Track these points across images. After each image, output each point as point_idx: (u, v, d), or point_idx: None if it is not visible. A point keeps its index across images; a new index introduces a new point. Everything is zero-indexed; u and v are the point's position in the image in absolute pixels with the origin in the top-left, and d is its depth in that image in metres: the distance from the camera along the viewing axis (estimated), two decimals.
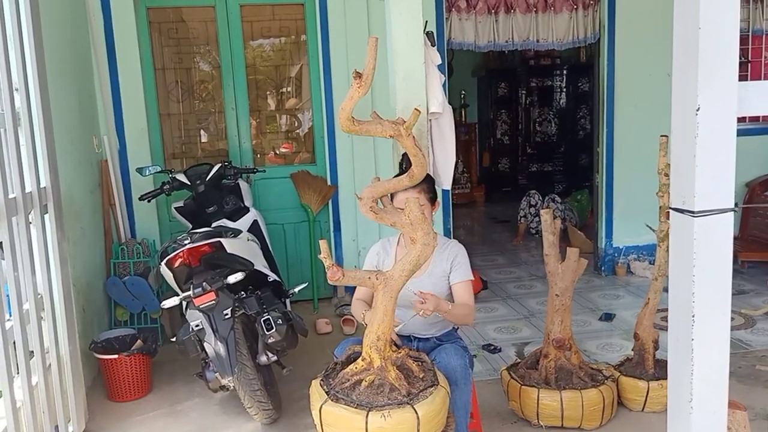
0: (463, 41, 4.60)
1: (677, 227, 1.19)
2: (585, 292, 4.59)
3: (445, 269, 2.36)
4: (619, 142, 4.85)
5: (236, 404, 3.05)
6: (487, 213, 8.17)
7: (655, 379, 2.80)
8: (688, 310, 1.18)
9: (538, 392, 2.68)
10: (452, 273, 2.36)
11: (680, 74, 1.15)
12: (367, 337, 1.99)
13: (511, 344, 3.73)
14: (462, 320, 2.34)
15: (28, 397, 2.37)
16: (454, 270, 2.36)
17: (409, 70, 2.88)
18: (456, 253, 2.38)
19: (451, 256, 2.37)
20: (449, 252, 2.38)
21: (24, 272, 2.40)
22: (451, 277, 2.37)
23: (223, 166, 3.70)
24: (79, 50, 3.83)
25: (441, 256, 2.37)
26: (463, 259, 2.38)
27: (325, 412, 1.91)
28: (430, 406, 1.90)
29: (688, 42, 1.11)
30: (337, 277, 1.95)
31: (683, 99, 1.14)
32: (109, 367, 3.20)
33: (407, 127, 1.93)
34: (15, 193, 2.34)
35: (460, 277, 2.36)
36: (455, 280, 2.36)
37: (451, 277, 2.37)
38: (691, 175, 1.13)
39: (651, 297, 2.88)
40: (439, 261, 2.37)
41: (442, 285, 2.37)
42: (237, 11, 4.36)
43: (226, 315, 2.72)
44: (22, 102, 2.47)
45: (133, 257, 3.92)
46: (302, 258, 4.59)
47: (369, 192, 2.06)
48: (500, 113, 8.60)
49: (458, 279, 2.36)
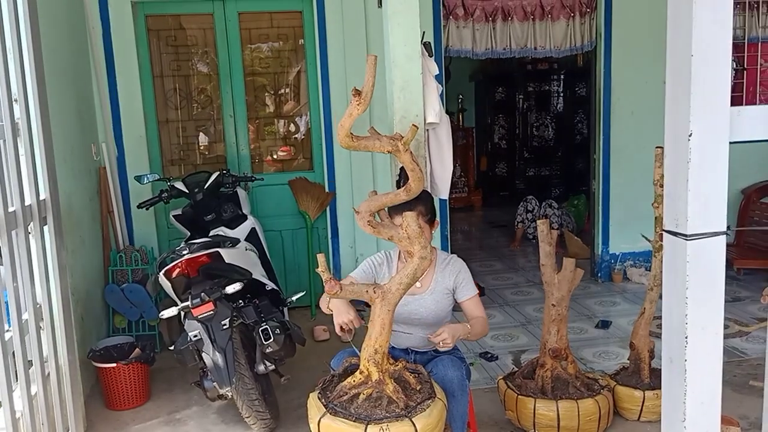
0: (460, 49, 4.62)
1: (670, 249, 1.21)
2: (581, 299, 4.61)
3: (449, 286, 2.37)
4: (615, 149, 4.87)
5: (234, 413, 3.06)
6: (484, 217, 8.19)
7: (651, 389, 2.82)
8: (681, 332, 1.19)
9: (534, 402, 2.70)
10: (458, 291, 2.38)
11: (673, 100, 1.16)
12: (365, 351, 2.01)
13: (508, 352, 3.75)
14: (482, 334, 2.39)
15: (27, 407, 2.39)
16: (460, 287, 2.38)
17: (407, 80, 2.90)
18: (458, 269, 2.39)
19: (453, 273, 2.38)
20: (451, 268, 2.39)
21: (23, 283, 2.41)
22: (459, 295, 2.39)
23: (221, 174, 3.72)
24: (78, 58, 3.84)
25: (443, 273, 2.38)
26: (467, 275, 2.40)
27: (324, 425, 1.92)
28: (427, 419, 1.92)
29: (681, 68, 1.12)
30: (334, 291, 1.96)
31: (676, 124, 1.16)
32: (107, 375, 3.21)
33: (405, 142, 1.95)
34: (14, 207, 2.35)
35: (468, 294, 2.38)
36: (464, 297, 2.38)
37: (459, 295, 2.38)
38: (683, 199, 1.14)
39: (647, 306, 2.90)
40: (442, 278, 2.37)
41: (445, 301, 2.38)
42: (235, 19, 4.37)
43: (224, 325, 2.73)
44: (21, 113, 2.48)
45: (131, 265, 3.93)
46: (300, 264, 4.60)
47: (366, 206, 2.08)
48: (498, 118, 8.62)
49: (467, 296, 2.38)
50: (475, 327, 2.32)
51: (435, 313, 2.36)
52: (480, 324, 2.35)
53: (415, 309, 2.34)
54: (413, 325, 2.36)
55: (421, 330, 2.37)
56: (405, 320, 2.33)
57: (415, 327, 2.37)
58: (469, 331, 2.28)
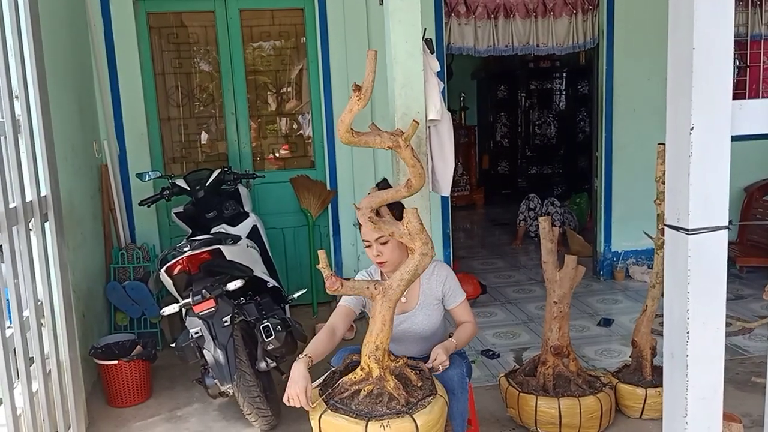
0: (462, 46, 4.61)
1: (672, 244, 1.20)
2: (583, 297, 4.60)
3: (437, 296, 2.34)
4: (617, 147, 4.86)
5: (236, 410, 3.06)
6: (486, 215, 8.18)
7: (653, 386, 2.81)
8: (682, 327, 1.19)
9: (536, 399, 2.69)
10: (447, 299, 2.35)
11: (674, 94, 1.15)
12: (366, 347, 2.00)
13: (509, 350, 3.74)
14: (470, 339, 2.37)
15: (28, 404, 2.39)
16: (448, 295, 2.35)
17: (408, 77, 2.89)
18: (445, 276, 2.34)
19: (440, 282, 2.33)
20: (437, 277, 2.34)
21: (24, 280, 2.41)
22: (448, 303, 2.36)
23: (222, 171, 3.71)
24: (79, 55, 3.84)
25: (429, 283, 2.33)
26: (454, 281, 2.36)
27: (325, 421, 1.92)
28: (428, 416, 1.91)
29: (683, 62, 1.12)
30: (335, 288, 1.96)
31: (677, 118, 1.15)
32: (108, 372, 3.21)
33: (406, 138, 1.94)
34: (15, 203, 2.35)
35: (457, 301, 2.36)
36: (453, 304, 2.36)
37: (447, 302, 2.36)
38: (685, 193, 1.14)
39: (649, 304, 2.89)
40: (429, 289, 2.33)
41: (436, 313, 2.35)
42: (237, 16, 4.37)
43: (225, 322, 2.73)
44: (22, 110, 2.47)
45: (132, 262, 3.94)
46: (302, 262, 4.60)
47: (367, 202, 2.07)
48: (500, 116, 8.61)
49: (455, 303, 2.36)
50: (462, 336, 2.31)
51: (429, 327, 2.34)
52: (468, 331, 2.34)
53: (409, 327, 2.32)
54: (408, 342, 2.35)
55: (417, 343, 2.36)
56: (399, 338, 2.30)
57: (409, 343, 2.36)
58: (456, 344, 2.26)
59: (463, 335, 2.33)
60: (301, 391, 1.92)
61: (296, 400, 1.93)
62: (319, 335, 2.19)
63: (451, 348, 2.25)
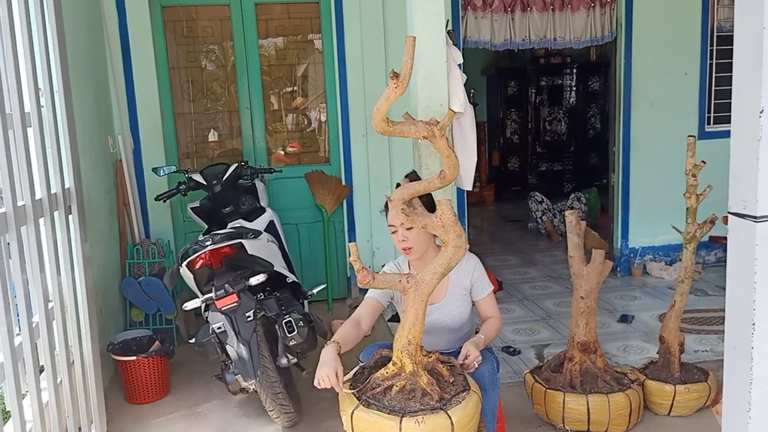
0: (479, 40, 4.57)
1: (737, 232, 1.16)
2: (602, 293, 4.51)
3: (466, 286, 2.31)
4: (635, 142, 4.80)
5: (256, 406, 3.02)
6: (497, 212, 8.13)
7: (682, 383, 2.77)
8: (748, 318, 1.14)
9: (563, 396, 2.65)
10: (474, 289, 2.32)
11: (742, 75, 1.11)
12: (398, 341, 1.96)
13: (530, 346, 3.70)
14: (497, 334, 2.34)
15: (53, 397, 2.36)
16: (476, 286, 2.32)
17: (431, 69, 2.85)
18: (473, 266, 2.31)
19: (468, 272, 2.30)
20: (466, 267, 2.30)
21: (51, 272, 2.38)
22: (475, 294, 2.33)
23: (239, 166, 3.67)
24: (95, 50, 3.80)
25: (458, 272, 2.28)
26: (482, 271, 2.34)
27: (357, 417, 1.88)
28: (463, 412, 1.87)
29: (751, 42, 1.07)
30: (367, 281, 1.92)
31: (745, 101, 1.11)
32: (126, 368, 3.18)
33: (441, 127, 1.90)
34: (41, 194, 2.32)
35: (484, 292, 2.33)
36: (480, 296, 2.33)
37: (475, 293, 2.32)
38: (753, 178, 1.09)
39: (677, 299, 2.84)
40: (457, 279, 2.30)
41: (465, 304, 2.32)
42: (251, 9, 4.33)
43: (248, 317, 2.69)
44: (47, 103, 2.45)
45: (148, 258, 3.91)
46: (317, 258, 4.56)
47: (399, 194, 2.03)
48: (510, 112, 8.54)
49: (482, 294, 2.33)
50: (489, 331, 2.28)
51: (458, 318, 2.31)
52: (494, 326, 2.31)
53: (437, 318, 2.28)
54: (437, 333, 2.31)
55: (445, 335, 2.33)
56: (428, 330, 2.25)
57: (438, 335, 2.32)
58: (484, 340, 2.23)
59: (490, 330, 2.30)
60: (332, 372, 1.89)
61: (326, 380, 1.90)
62: (345, 325, 2.16)
63: (480, 344, 2.21)
